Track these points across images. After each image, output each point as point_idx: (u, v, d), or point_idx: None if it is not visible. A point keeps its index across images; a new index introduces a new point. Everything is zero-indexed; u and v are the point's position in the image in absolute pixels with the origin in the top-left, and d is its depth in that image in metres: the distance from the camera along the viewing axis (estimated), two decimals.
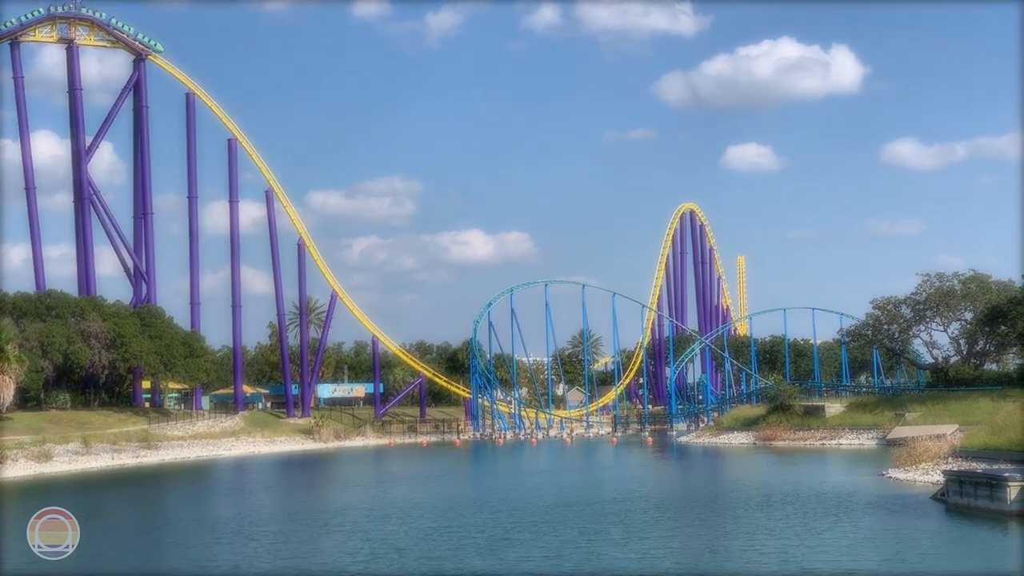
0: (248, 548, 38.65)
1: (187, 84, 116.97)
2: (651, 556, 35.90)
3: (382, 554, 36.33)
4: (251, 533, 42.68)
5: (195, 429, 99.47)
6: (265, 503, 57.12)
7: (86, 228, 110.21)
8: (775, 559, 34.57)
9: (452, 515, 46.87)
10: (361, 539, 40.20)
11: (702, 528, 42.50)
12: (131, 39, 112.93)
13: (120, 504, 57.94)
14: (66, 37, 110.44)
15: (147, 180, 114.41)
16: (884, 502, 49.02)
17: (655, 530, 42.46)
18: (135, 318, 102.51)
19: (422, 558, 35.24)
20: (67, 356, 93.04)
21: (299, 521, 46.73)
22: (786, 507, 47.76)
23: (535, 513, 46.98)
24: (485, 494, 57.95)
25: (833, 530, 40.68)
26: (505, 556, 35.52)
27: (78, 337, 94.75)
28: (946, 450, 62.65)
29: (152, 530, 45.54)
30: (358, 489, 63.54)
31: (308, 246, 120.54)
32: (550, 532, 40.76)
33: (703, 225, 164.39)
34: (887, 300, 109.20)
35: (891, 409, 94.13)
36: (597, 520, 44.34)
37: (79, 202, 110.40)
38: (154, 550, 39.25)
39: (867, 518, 44.09)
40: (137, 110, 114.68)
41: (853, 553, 35.64)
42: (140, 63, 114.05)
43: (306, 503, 56.78)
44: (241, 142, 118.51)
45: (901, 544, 37.21)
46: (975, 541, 38.47)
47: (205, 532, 43.09)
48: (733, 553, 36.79)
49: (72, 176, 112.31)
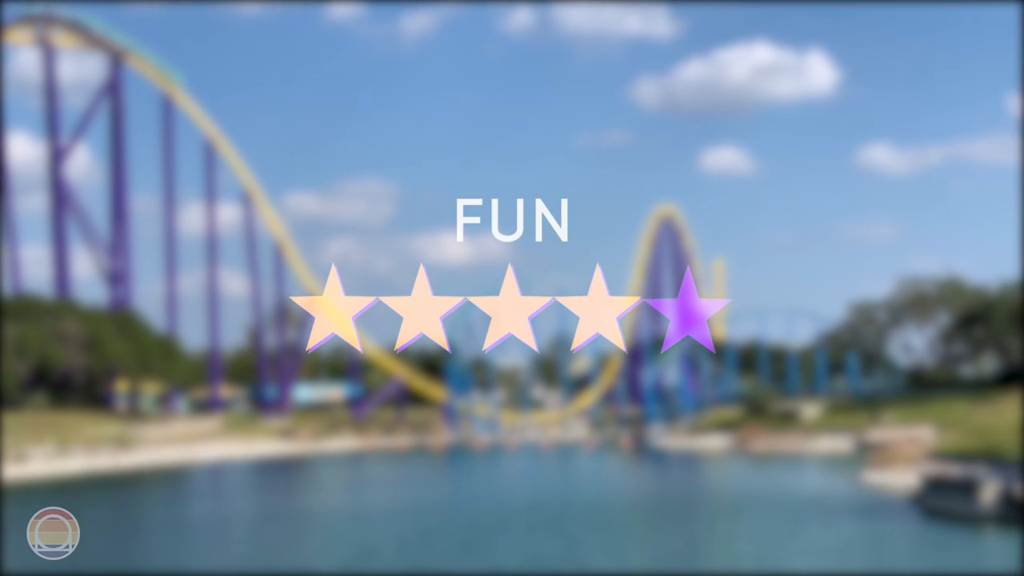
0: (222, 552, 38.55)
1: (164, 85, 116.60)
2: (626, 560, 35.94)
3: (357, 557, 36.29)
4: (226, 537, 42.56)
5: (172, 431, 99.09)
6: (241, 507, 56.95)
7: (62, 230, 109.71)
8: (751, 563, 34.65)
9: (427, 518, 46.82)
10: (336, 542, 40.14)
11: (676, 533, 42.56)
12: (108, 40, 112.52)
13: (94, 510, 57.72)
14: (42, 38, 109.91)
15: (124, 181, 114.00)
16: (860, 505, 49.20)
17: (629, 534, 42.50)
18: (112, 320, 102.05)
19: (398, 560, 35.22)
20: (43, 358, 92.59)
21: (273, 524, 46.62)
22: (761, 511, 47.86)
23: (510, 516, 46.98)
24: (460, 497, 57.92)
25: (808, 534, 40.79)
26: (480, 560, 35.52)
27: (54, 339, 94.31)
28: (922, 452, 62.96)
29: (126, 536, 45.38)
30: (333, 492, 63.42)
31: (286, 248, 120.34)
32: (526, 535, 40.77)
33: (680, 228, 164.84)
34: (863, 303, 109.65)
35: (867, 412, 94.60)
36: (571, 523, 44.36)
37: (55, 203, 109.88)
38: (125, 557, 39.18)
39: (843, 522, 44.24)
40: (114, 111, 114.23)
41: (828, 557, 35.74)
42: (117, 64, 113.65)
43: (282, 506, 56.63)
44: (219, 144, 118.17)
45: (877, 548, 37.35)
46: (949, 545, 38.63)
47: (179, 536, 42.97)
48: (710, 558, 36.86)
49: (48, 177, 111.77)
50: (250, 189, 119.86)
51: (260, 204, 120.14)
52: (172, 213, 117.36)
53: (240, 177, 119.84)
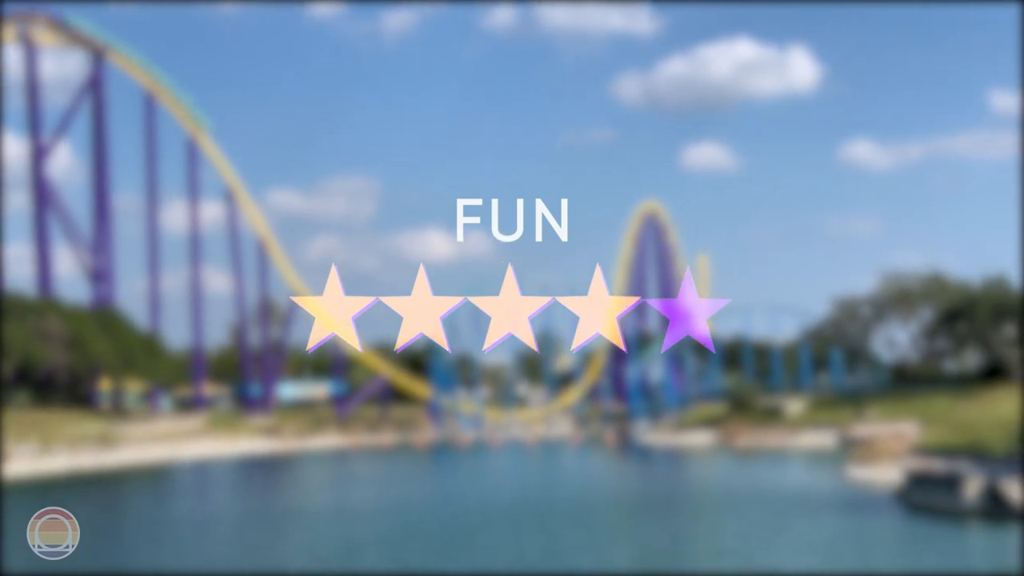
0: (206, 551, 38.48)
1: (147, 83, 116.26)
2: (610, 556, 35.98)
3: (341, 555, 36.26)
4: (210, 535, 42.48)
5: (155, 429, 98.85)
6: (225, 505, 56.87)
7: (44, 228, 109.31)
8: (735, 559, 34.72)
9: (411, 515, 46.82)
10: (320, 540, 40.09)
11: (661, 529, 42.63)
12: (89, 37, 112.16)
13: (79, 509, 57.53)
14: (24, 35, 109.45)
15: (106, 179, 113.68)
16: (844, 501, 49.36)
17: (613, 531, 42.56)
18: (95, 319, 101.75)
19: (383, 558, 35.20)
20: (26, 357, 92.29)
21: (258, 523, 46.57)
22: (745, 507, 47.99)
23: (494, 513, 47.00)
24: (445, 494, 57.93)
25: (792, 529, 40.91)
26: (464, 557, 35.53)
27: (37, 338, 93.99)
28: (905, 448, 63.19)
29: (110, 535, 45.28)
30: (318, 490, 63.38)
31: (269, 245, 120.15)
32: (510, 532, 40.79)
33: (664, 224, 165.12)
34: (847, 299, 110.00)
35: (851, 407, 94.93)
36: (556, 520, 44.40)
37: (38, 201, 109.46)
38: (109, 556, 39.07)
39: (827, 517, 44.36)
40: (96, 108, 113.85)
41: (813, 553, 35.84)
42: (99, 61, 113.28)
43: (266, 504, 56.56)
44: (202, 141, 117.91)
45: (861, 543, 37.46)
46: (933, 540, 38.76)
47: (162, 535, 42.87)
48: (694, 554, 36.92)
49: (31, 175, 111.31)
50: (233, 186, 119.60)
51: (243, 201, 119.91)
52: (155, 211, 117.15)
53: (223, 174, 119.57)
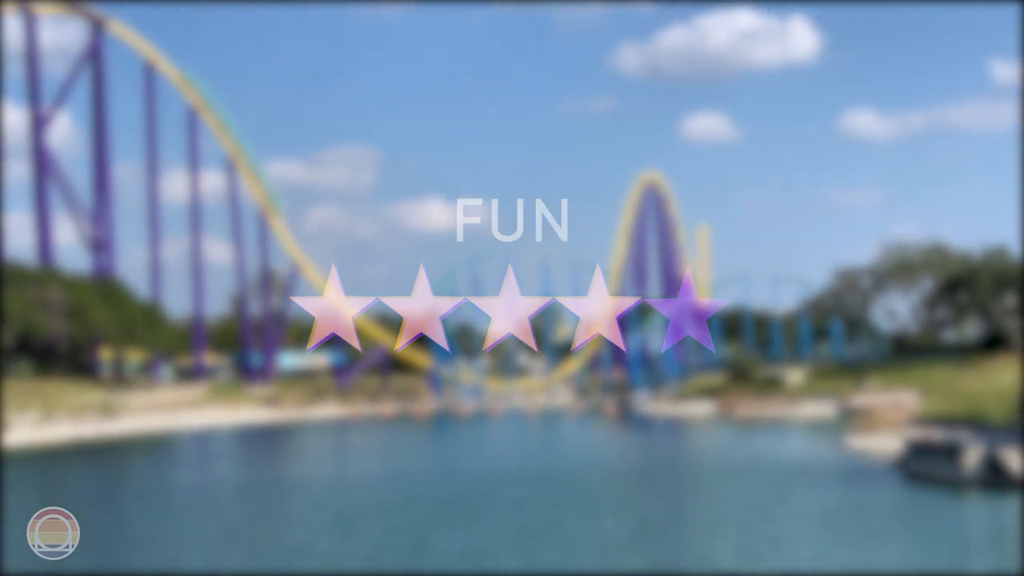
0: (207, 520, 38.63)
1: (147, 52, 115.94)
2: (609, 526, 36.12)
3: (340, 524, 36.37)
4: (210, 504, 42.63)
5: (157, 399, 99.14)
6: (226, 474, 57.03)
7: (45, 197, 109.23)
8: (736, 528, 34.86)
9: (411, 485, 46.97)
10: (320, 510, 40.26)
11: (661, 499, 42.79)
12: (88, 6, 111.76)
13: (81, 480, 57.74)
14: (23, 4, 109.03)
15: (106, 148, 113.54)
16: (844, 470, 49.52)
17: (613, 501, 42.72)
18: (95, 288, 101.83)
19: (382, 528, 35.31)
20: (27, 326, 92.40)
21: (258, 492, 46.71)
22: (745, 477, 48.15)
23: (495, 483, 47.13)
24: (445, 464, 58.12)
25: (792, 499, 41.06)
26: (464, 527, 35.65)
27: (38, 307, 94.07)
28: (905, 417, 63.34)
29: (111, 504, 45.46)
30: (318, 460, 63.58)
31: (270, 214, 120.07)
32: (511, 501, 40.92)
33: (665, 195, 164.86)
34: (847, 269, 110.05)
35: (851, 377, 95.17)
36: (556, 490, 44.55)
37: (38, 171, 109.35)
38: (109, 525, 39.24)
39: (827, 487, 44.51)
40: (96, 78, 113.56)
41: (812, 522, 35.99)
42: (98, 31, 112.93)
43: (266, 474, 56.73)
44: (202, 110, 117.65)
45: (860, 512, 37.60)
46: (932, 509, 38.92)
47: (163, 504, 43.02)
48: (694, 523, 37.06)
49: (30, 144, 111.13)
50: (234, 155, 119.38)
51: (244, 170, 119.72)
52: (155, 180, 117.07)
53: (223, 143, 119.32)
